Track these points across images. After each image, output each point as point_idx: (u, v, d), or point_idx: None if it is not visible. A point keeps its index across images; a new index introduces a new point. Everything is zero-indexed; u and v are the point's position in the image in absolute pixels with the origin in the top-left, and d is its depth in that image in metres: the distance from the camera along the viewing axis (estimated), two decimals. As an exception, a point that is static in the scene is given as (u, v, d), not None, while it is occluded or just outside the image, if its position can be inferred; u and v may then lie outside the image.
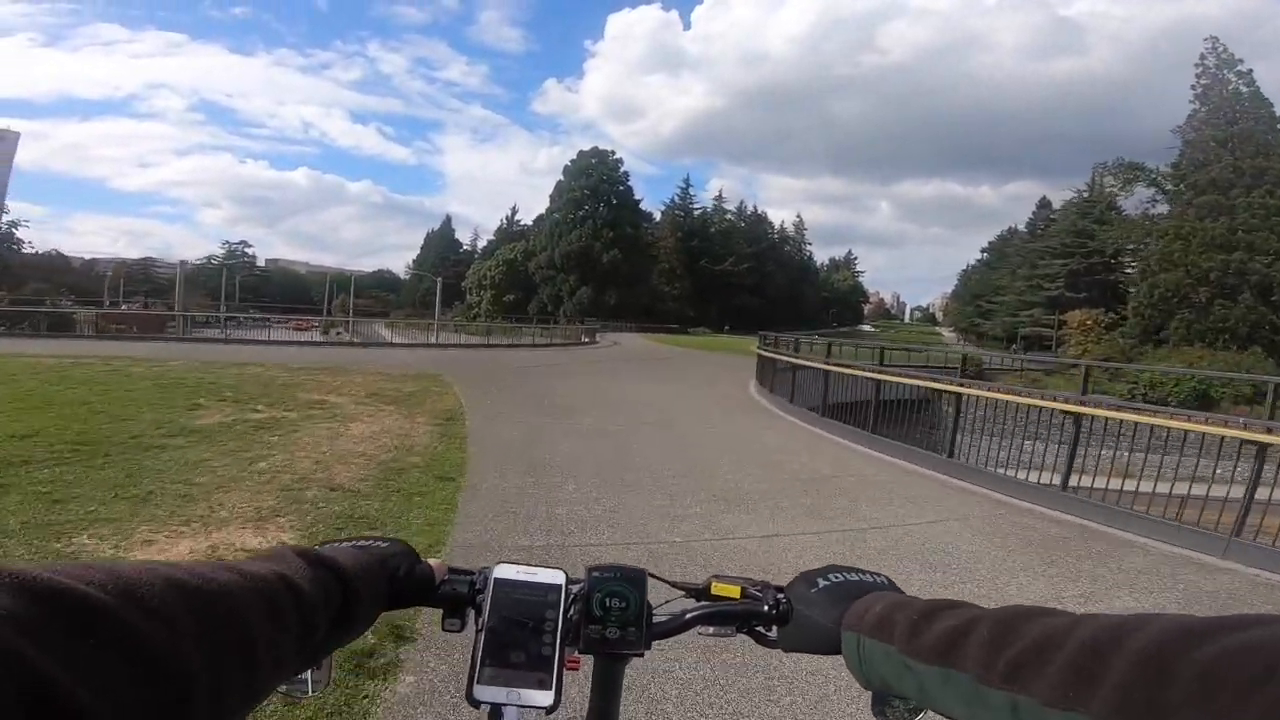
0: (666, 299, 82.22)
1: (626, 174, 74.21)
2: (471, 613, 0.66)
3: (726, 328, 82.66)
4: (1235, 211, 42.73)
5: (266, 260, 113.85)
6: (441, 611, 0.67)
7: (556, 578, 0.64)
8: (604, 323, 62.99)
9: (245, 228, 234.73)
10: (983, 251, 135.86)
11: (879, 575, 0.67)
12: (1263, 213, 41.71)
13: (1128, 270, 65.51)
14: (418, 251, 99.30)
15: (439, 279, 46.20)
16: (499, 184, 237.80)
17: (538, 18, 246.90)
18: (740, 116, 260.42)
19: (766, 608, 0.67)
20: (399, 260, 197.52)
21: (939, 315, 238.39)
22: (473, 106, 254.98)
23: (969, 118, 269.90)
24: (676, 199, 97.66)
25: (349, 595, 0.56)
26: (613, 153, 74.28)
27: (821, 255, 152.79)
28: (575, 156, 73.86)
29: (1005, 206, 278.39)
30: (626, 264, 67.52)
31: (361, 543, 0.66)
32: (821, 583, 0.64)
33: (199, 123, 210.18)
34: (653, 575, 0.68)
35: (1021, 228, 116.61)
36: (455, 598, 0.67)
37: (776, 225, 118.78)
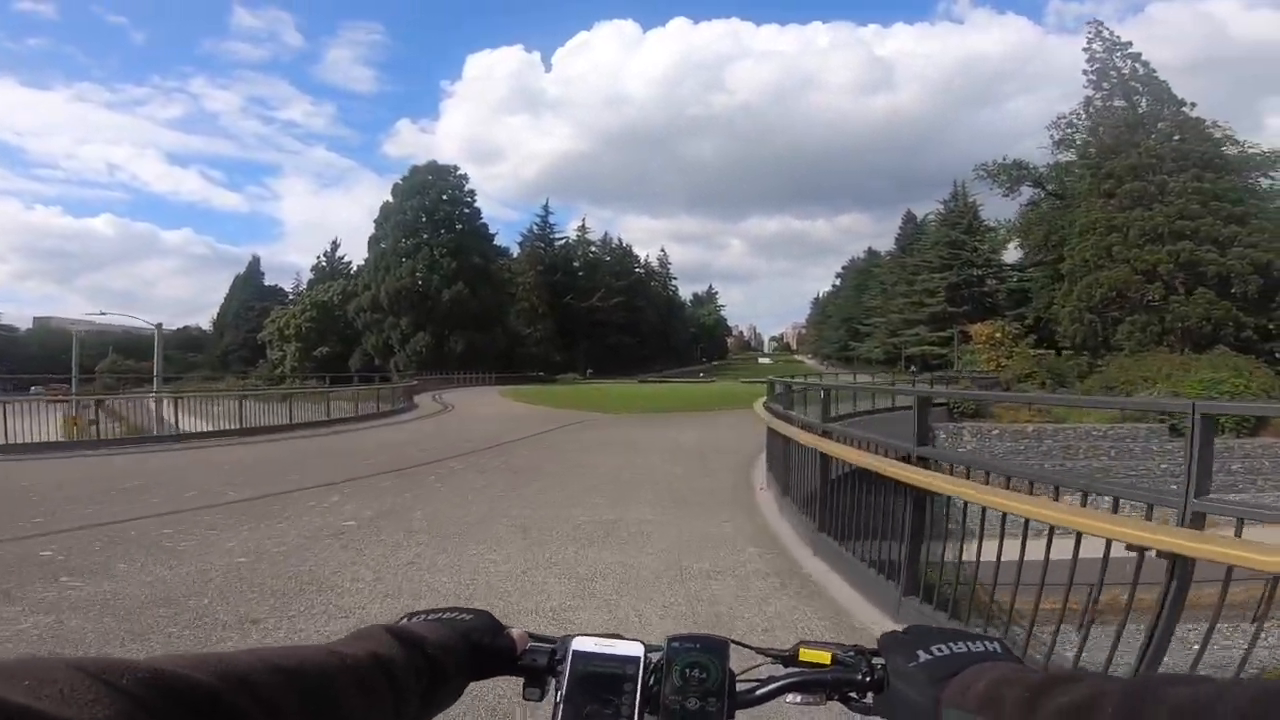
0: (528, 342, 68.19)
1: (473, 193, 59.99)
2: (552, 682, 0.63)
3: (589, 372, 69.80)
4: (1167, 198, 36.55)
5: (35, 319, 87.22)
6: (523, 681, 0.65)
7: (634, 649, 0.61)
8: (449, 375, 47.87)
9: (34, 284, 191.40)
10: (838, 276, 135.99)
11: (990, 641, 0.58)
12: (1199, 198, 35.81)
13: (1019, 277, 61.32)
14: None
15: (158, 325, 29.60)
16: (344, 231, 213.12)
17: (392, 58, 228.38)
18: (603, 158, 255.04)
19: (860, 675, 0.61)
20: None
21: (793, 345, 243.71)
22: (315, 149, 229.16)
23: (805, 154, 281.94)
24: (535, 229, 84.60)
25: (435, 670, 0.56)
26: (456, 168, 59.86)
27: (684, 292, 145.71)
28: (408, 173, 58.73)
29: (838, 239, 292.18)
30: (475, 301, 52.93)
31: (447, 614, 0.66)
32: (922, 655, 0.57)
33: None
34: (736, 643, 0.64)
35: (862, 254, 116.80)
36: (535, 668, 0.65)
37: (642, 260, 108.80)
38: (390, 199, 57.71)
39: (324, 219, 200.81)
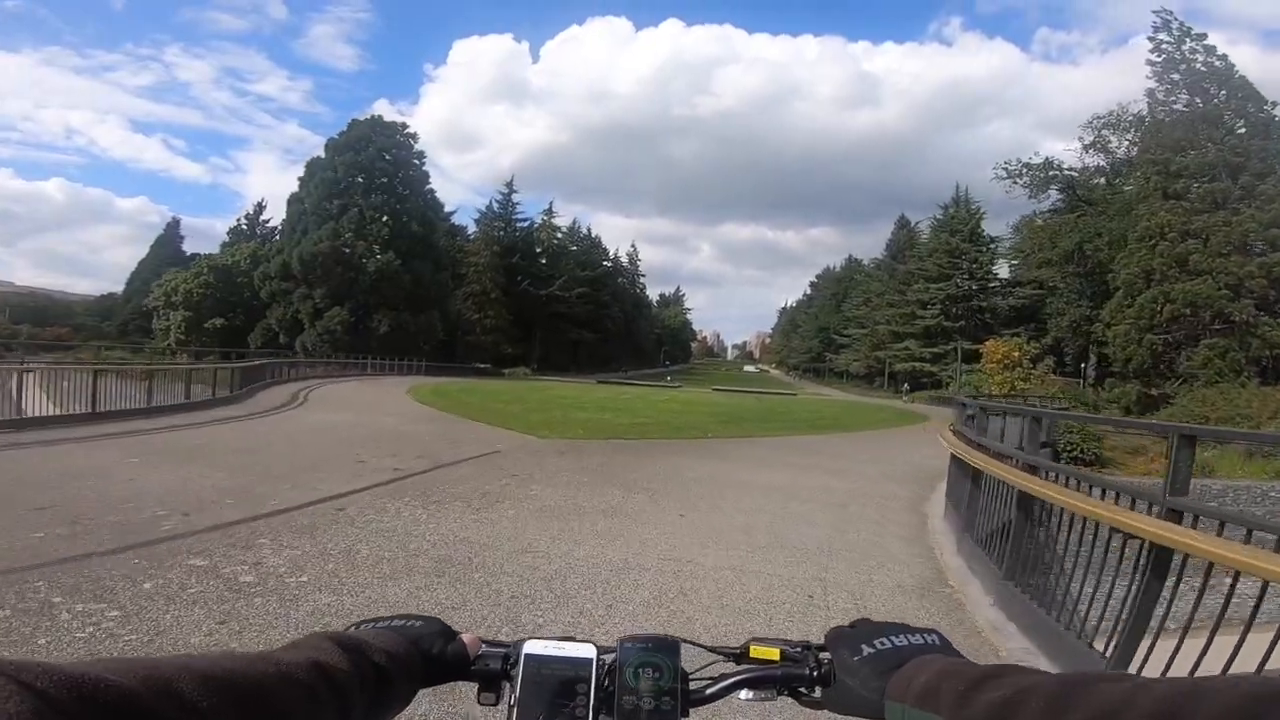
0: (475, 329, 58.52)
1: (422, 154, 50.05)
2: (506, 686, 0.62)
3: (532, 367, 60.22)
4: (1256, 202, 29.45)
5: None
6: (477, 686, 0.64)
7: (586, 651, 0.60)
8: (360, 360, 37.99)
9: None
10: (810, 285, 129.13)
11: (930, 633, 0.59)
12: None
13: (1025, 292, 54.39)
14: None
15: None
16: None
17: (376, 37, 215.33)
18: (582, 153, 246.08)
19: (808, 670, 0.62)
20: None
21: (757, 353, 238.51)
22: (288, 124, 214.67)
23: (784, 164, 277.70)
24: (495, 207, 74.74)
25: (382, 677, 0.55)
26: (404, 125, 49.70)
27: (651, 293, 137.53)
28: (346, 127, 48.40)
29: (807, 250, 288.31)
30: (408, 276, 43.06)
31: (397, 622, 0.64)
32: (866, 649, 0.58)
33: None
34: (688, 641, 0.64)
35: (839, 264, 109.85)
36: (488, 673, 0.63)
37: (612, 255, 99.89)
38: (321, 154, 47.32)
39: (286, 194, 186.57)
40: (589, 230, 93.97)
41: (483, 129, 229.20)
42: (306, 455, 8.76)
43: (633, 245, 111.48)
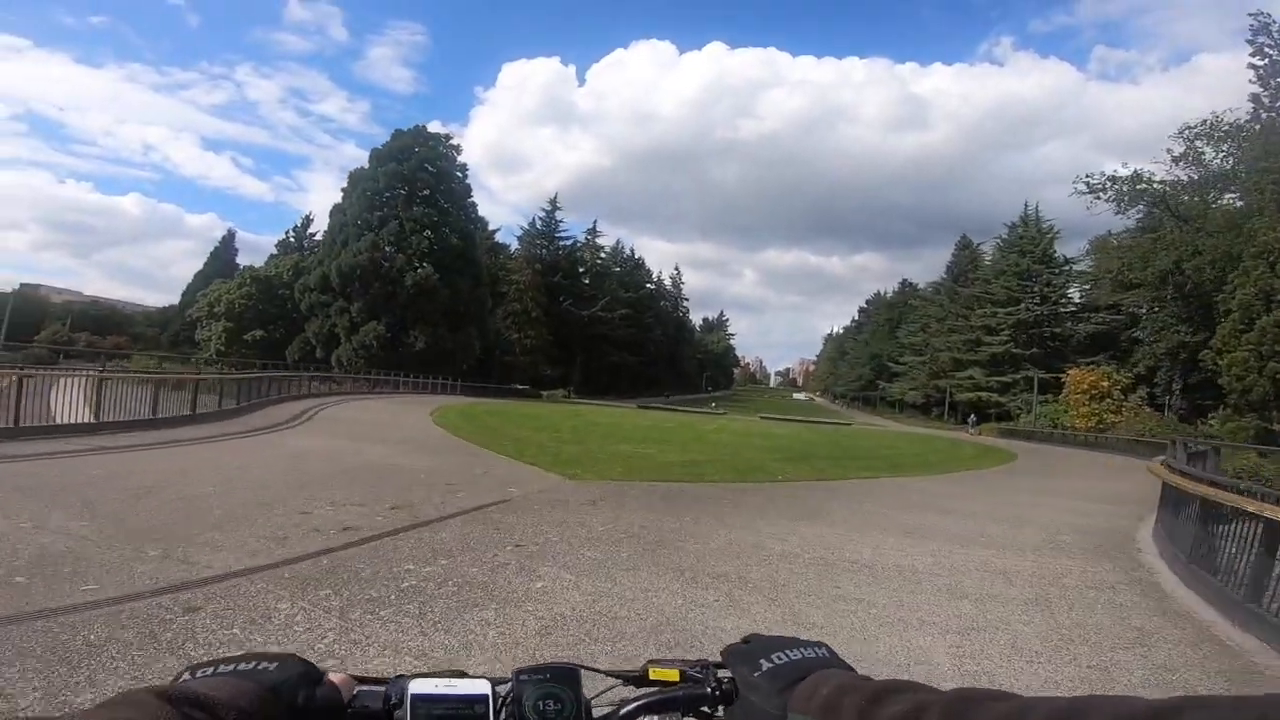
0: (514, 349, 56.71)
1: (465, 167, 48.87)
2: None
3: (569, 391, 57.64)
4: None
5: (21, 285, 75.82)
6: None
7: (480, 687, 0.56)
8: (392, 377, 36.24)
9: (53, 255, 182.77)
10: (860, 311, 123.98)
11: (819, 646, 0.59)
12: None
13: (1117, 312, 49.46)
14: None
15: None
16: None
17: (432, 60, 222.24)
18: (625, 176, 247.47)
19: (709, 689, 0.60)
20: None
21: (800, 380, 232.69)
22: (346, 144, 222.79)
23: (829, 188, 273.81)
24: (539, 224, 73.52)
25: None
26: (448, 136, 48.61)
27: (694, 316, 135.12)
28: (390, 137, 47.59)
29: (852, 276, 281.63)
30: (447, 290, 41.38)
31: (244, 665, 0.52)
32: (764, 664, 0.57)
33: (19, 134, 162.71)
34: (586, 668, 0.60)
35: (892, 289, 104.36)
36: (367, 715, 0.56)
37: (655, 277, 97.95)
38: (365, 166, 46.48)
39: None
40: (632, 251, 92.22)
41: (530, 151, 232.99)
42: (235, 498, 6.25)
43: (676, 268, 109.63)
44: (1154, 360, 39.72)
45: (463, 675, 0.57)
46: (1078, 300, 55.94)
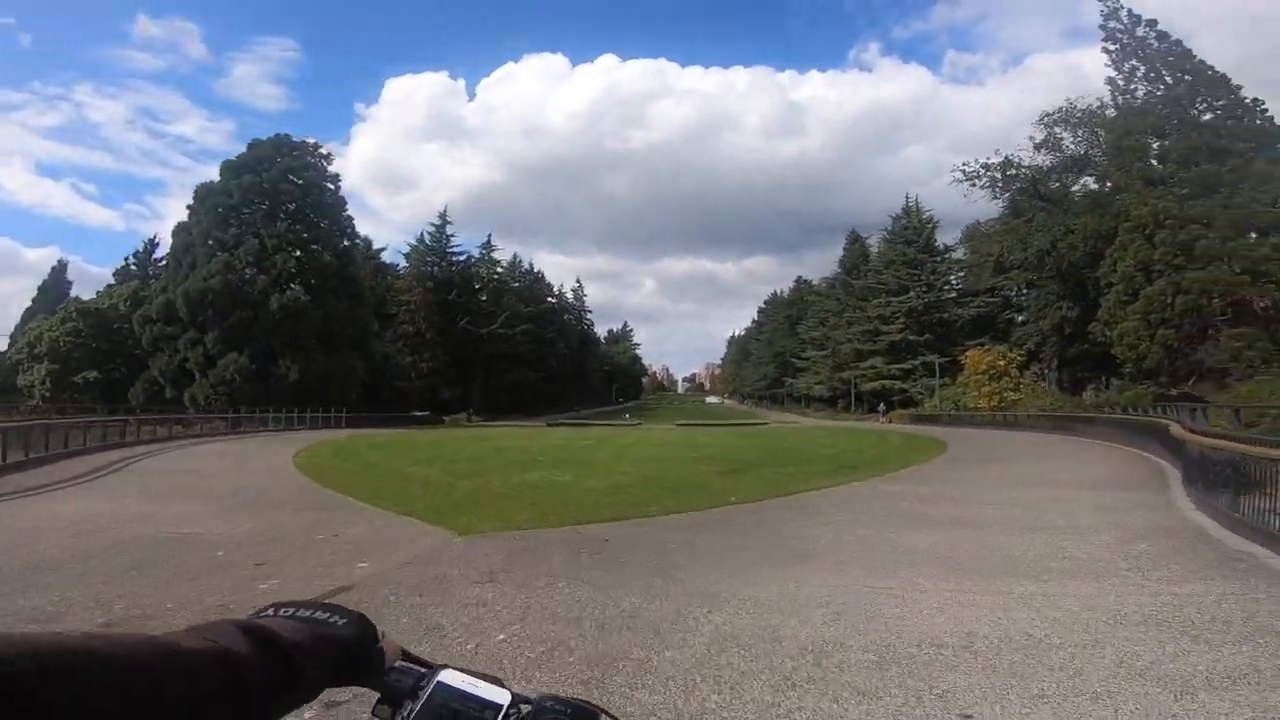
0: (409, 373, 52.17)
1: (337, 178, 44.09)
2: (408, 706, 0.57)
3: (470, 413, 53.73)
4: (1251, 180, 26.91)
5: None
6: (377, 699, 0.59)
7: (500, 696, 0.56)
8: (270, 413, 31.44)
9: None
10: (759, 312, 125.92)
11: None
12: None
13: (992, 294, 51.93)
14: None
15: None
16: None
17: (305, 76, 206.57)
18: (519, 190, 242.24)
19: None
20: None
21: (707, 384, 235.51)
22: (208, 166, 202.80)
23: (719, 196, 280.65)
24: (428, 240, 68.86)
25: (291, 669, 0.51)
26: (315, 145, 43.59)
27: (598, 329, 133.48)
28: (246, 147, 42.01)
29: (744, 280, 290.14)
30: (320, 313, 36.69)
31: (320, 614, 0.58)
32: None
33: None
34: (611, 716, 0.58)
35: (786, 289, 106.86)
36: (396, 688, 0.58)
37: (556, 290, 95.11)
38: (216, 179, 40.69)
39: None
40: (530, 265, 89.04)
41: (416, 168, 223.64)
42: None
43: (577, 281, 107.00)
44: (1040, 337, 41.36)
45: (494, 680, 0.57)
46: (958, 287, 58.42)
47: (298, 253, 37.95)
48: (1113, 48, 33.27)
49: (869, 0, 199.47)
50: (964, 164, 46.29)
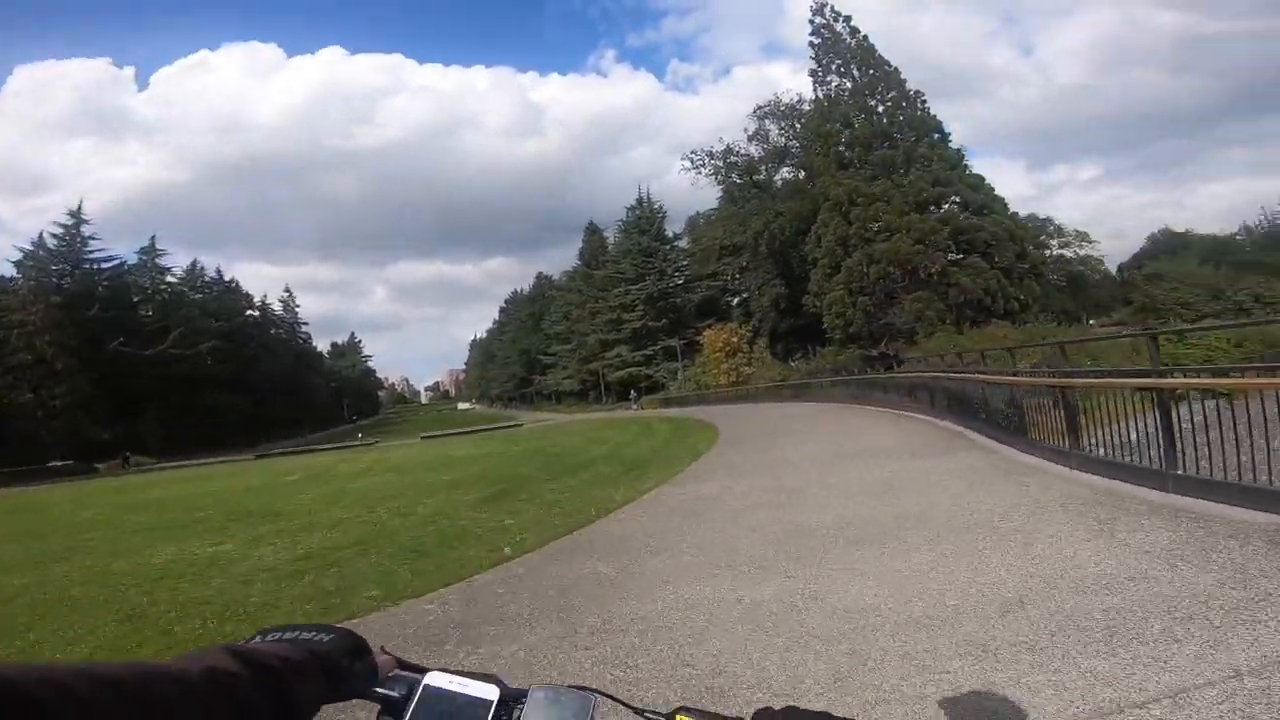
0: (34, 412, 38.32)
1: None
2: (406, 715, 0.57)
3: (125, 456, 41.41)
4: (917, 164, 31.58)
5: None
6: (379, 708, 0.59)
7: (489, 693, 0.56)
8: None
9: None
10: (501, 311, 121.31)
11: None
12: (944, 165, 31.47)
13: (714, 278, 55.22)
14: None
15: None
16: None
17: None
18: (212, 193, 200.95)
19: None
20: None
21: (452, 391, 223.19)
22: None
23: (457, 196, 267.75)
24: (51, 244, 51.99)
25: (283, 689, 0.52)
26: None
27: (320, 343, 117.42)
28: None
29: (486, 282, 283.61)
30: None
31: (305, 634, 0.59)
32: None
33: None
34: (607, 696, 0.59)
35: (523, 289, 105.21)
36: (392, 698, 0.58)
37: (258, 301, 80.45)
38: None
39: None
40: (219, 274, 73.73)
41: (54, 168, 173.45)
42: None
43: (287, 290, 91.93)
44: (761, 313, 44.96)
45: (483, 677, 0.57)
46: (686, 273, 61.96)
47: None
48: (816, 41, 36.41)
49: (611, 9, 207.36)
50: (692, 152, 49.21)
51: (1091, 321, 37.48)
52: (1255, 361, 11.65)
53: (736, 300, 56.48)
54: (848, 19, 35.87)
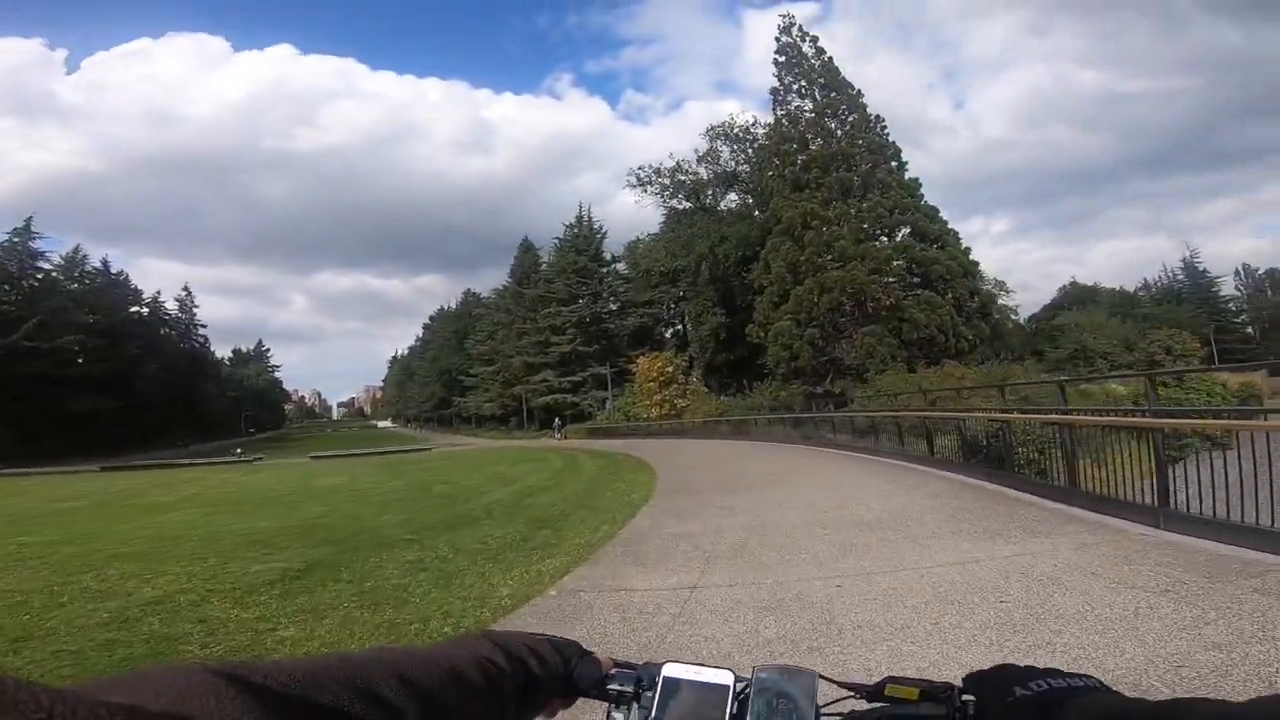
0: None
1: None
2: (636, 709, 0.61)
3: None
4: (875, 188, 30.23)
5: None
6: (608, 706, 0.62)
7: (724, 678, 0.59)
8: None
9: None
10: (424, 328, 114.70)
11: (1087, 677, 0.51)
12: (903, 191, 30.36)
13: (650, 306, 52.48)
14: None
15: None
16: None
17: None
18: (126, 185, 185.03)
19: (949, 712, 0.56)
20: None
21: (368, 409, 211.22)
22: None
23: (394, 209, 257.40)
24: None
25: (532, 683, 0.55)
26: None
27: (222, 349, 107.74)
28: None
29: (415, 298, 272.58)
30: None
31: (537, 635, 0.62)
32: (1020, 691, 0.51)
33: None
34: (823, 676, 0.60)
35: (450, 305, 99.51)
36: (621, 694, 0.62)
37: (147, 298, 72.62)
38: None
39: None
40: (105, 265, 65.73)
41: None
42: None
43: (185, 289, 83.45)
44: (699, 343, 42.56)
45: (709, 666, 0.59)
46: (622, 299, 59.11)
47: None
48: (781, 60, 34.67)
49: (575, 34, 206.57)
50: (639, 168, 46.93)
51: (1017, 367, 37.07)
52: None
53: (670, 332, 54.41)
54: (814, 39, 34.58)
